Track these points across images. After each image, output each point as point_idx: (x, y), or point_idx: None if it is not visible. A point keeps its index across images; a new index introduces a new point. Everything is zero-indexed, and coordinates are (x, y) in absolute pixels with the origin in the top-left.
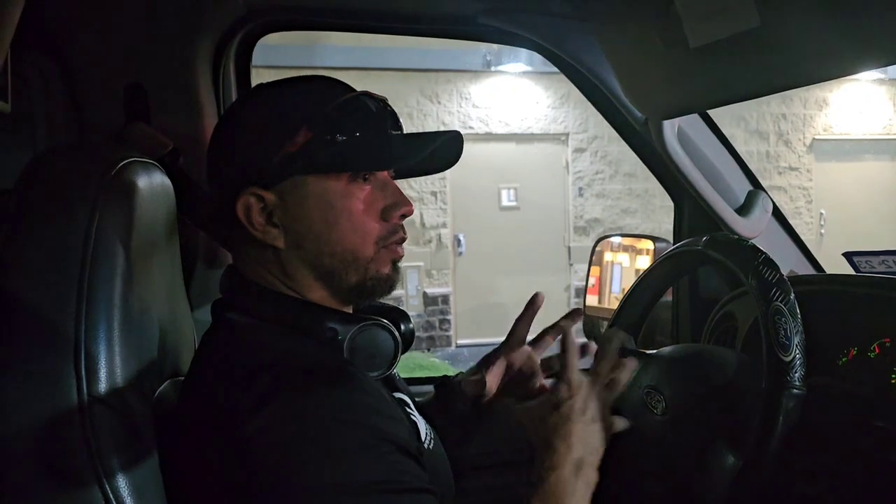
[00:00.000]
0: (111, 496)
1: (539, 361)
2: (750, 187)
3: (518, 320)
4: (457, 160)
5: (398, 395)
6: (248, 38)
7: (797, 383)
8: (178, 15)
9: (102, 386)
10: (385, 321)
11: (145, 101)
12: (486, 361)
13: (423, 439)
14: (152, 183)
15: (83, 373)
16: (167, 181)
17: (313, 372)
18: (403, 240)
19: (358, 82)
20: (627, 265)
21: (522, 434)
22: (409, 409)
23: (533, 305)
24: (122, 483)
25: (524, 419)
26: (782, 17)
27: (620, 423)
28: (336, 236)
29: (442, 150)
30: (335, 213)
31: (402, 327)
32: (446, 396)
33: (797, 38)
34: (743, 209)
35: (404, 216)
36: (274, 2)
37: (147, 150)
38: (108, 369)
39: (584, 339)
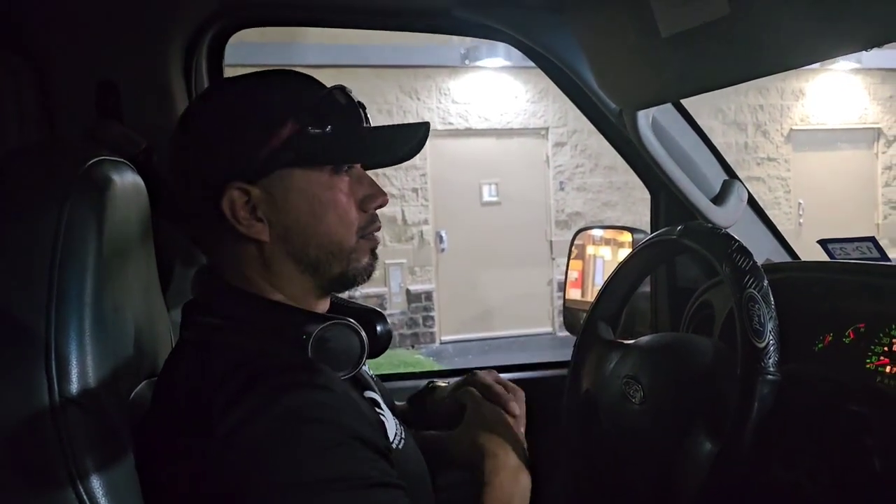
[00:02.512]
0: (85, 497)
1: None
2: (725, 176)
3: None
4: (420, 149)
5: (369, 394)
6: (221, 35)
7: (771, 369)
8: (150, 11)
9: (74, 386)
10: (350, 321)
11: (118, 99)
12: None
13: (391, 439)
14: (124, 181)
15: (54, 373)
16: (139, 180)
17: (283, 371)
18: (379, 229)
19: (335, 79)
20: (609, 258)
21: None
22: (377, 409)
23: None
24: (96, 484)
25: (456, 446)
26: (751, 5)
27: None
28: (323, 228)
29: (409, 140)
30: (322, 206)
31: (379, 328)
32: (420, 407)
33: (766, 25)
34: (718, 198)
35: (380, 206)
36: None
37: (119, 149)
38: (80, 369)
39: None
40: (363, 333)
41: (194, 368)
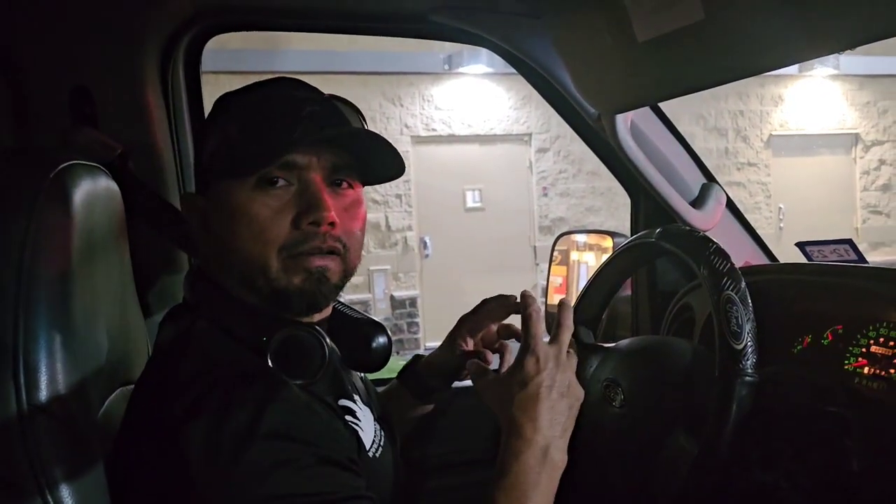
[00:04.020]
0: None
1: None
2: (703, 180)
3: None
4: (397, 163)
5: (343, 402)
6: (197, 40)
7: (749, 370)
8: (124, 16)
9: (43, 395)
10: (314, 328)
11: (92, 105)
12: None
13: (367, 447)
14: (96, 187)
15: (22, 381)
16: (113, 185)
17: (240, 383)
18: (322, 249)
19: (318, 87)
20: (594, 264)
21: (489, 430)
22: (350, 418)
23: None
24: (65, 493)
25: (488, 396)
26: (725, 10)
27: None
28: (238, 244)
29: (377, 153)
30: (236, 220)
31: (378, 340)
32: (413, 374)
33: (740, 30)
34: (697, 202)
35: (316, 223)
36: (222, 2)
37: (94, 154)
38: (49, 377)
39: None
40: (325, 341)
41: (161, 376)
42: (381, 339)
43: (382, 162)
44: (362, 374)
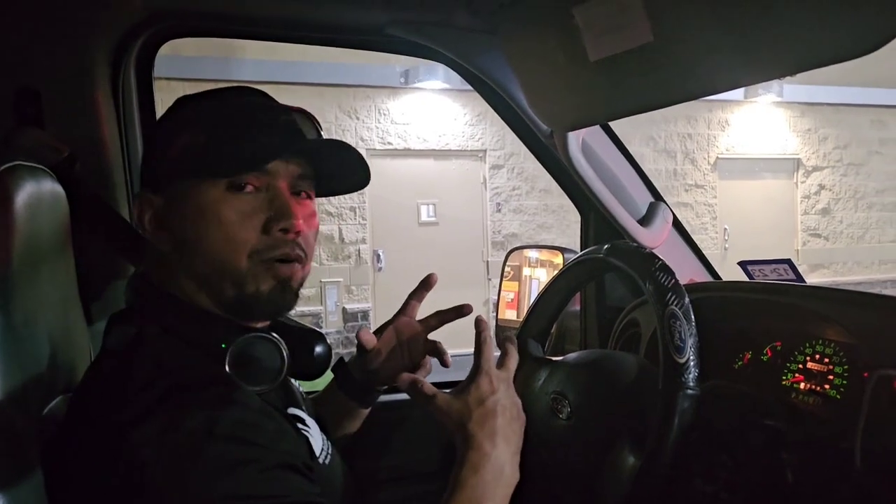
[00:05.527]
0: None
1: (425, 337)
2: (651, 199)
3: (411, 295)
4: (364, 175)
5: (293, 410)
6: (150, 44)
7: (691, 384)
8: (74, 16)
9: None
10: (272, 335)
11: (39, 106)
12: (379, 329)
13: (316, 455)
14: (40, 189)
15: None
16: (58, 188)
17: (197, 387)
18: (290, 257)
19: (274, 97)
20: (545, 280)
21: (433, 443)
22: (301, 426)
23: (427, 284)
24: (0, 502)
25: (443, 412)
26: (673, 34)
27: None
28: (206, 245)
29: (343, 165)
30: (206, 221)
31: (317, 349)
32: (343, 374)
33: (688, 53)
34: (645, 220)
35: (285, 230)
36: (175, 6)
37: (39, 156)
38: None
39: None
40: (284, 349)
41: (111, 380)
42: (321, 348)
43: (350, 173)
44: (298, 386)
